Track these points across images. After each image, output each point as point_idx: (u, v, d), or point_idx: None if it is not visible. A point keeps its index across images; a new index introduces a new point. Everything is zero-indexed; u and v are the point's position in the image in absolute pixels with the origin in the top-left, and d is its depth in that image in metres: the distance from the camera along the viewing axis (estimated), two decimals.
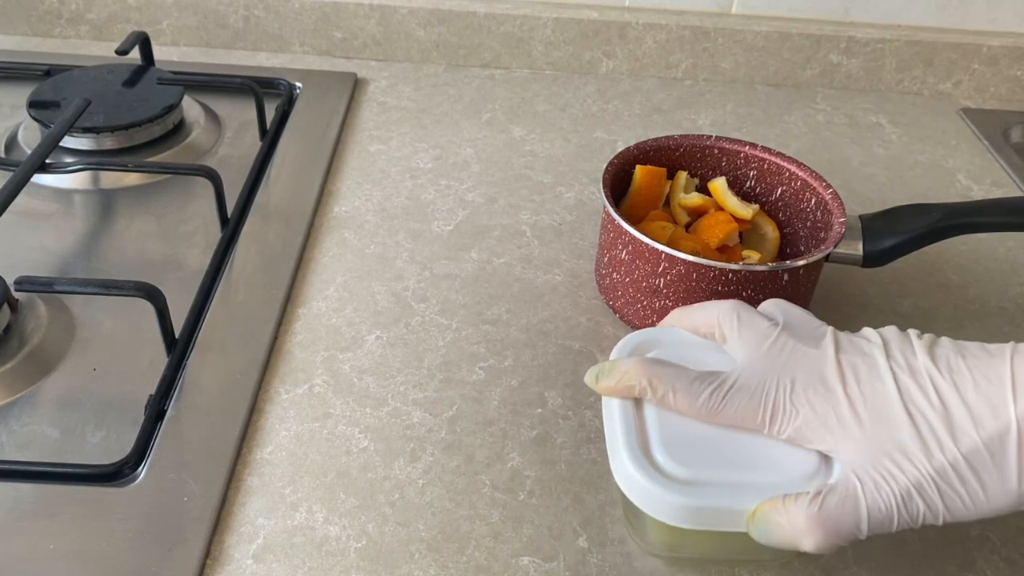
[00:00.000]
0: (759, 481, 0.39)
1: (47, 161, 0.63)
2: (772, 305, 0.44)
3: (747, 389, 0.39)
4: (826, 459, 0.40)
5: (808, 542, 0.37)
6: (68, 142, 0.71)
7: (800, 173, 0.60)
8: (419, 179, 0.73)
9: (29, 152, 0.64)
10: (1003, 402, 0.35)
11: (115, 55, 0.76)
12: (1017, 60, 0.90)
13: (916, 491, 0.35)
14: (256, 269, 0.61)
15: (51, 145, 0.64)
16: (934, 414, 0.36)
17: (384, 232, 0.67)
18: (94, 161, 0.67)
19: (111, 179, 0.69)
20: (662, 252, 0.53)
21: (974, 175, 0.79)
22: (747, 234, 0.62)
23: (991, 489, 0.35)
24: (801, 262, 0.52)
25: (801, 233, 0.61)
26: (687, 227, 0.61)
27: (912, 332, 0.40)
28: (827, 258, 0.55)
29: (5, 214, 0.57)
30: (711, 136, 0.63)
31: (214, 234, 0.64)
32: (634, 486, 0.40)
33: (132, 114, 0.72)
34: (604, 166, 0.58)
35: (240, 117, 0.79)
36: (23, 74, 0.81)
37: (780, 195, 0.62)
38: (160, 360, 0.53)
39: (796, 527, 0.37)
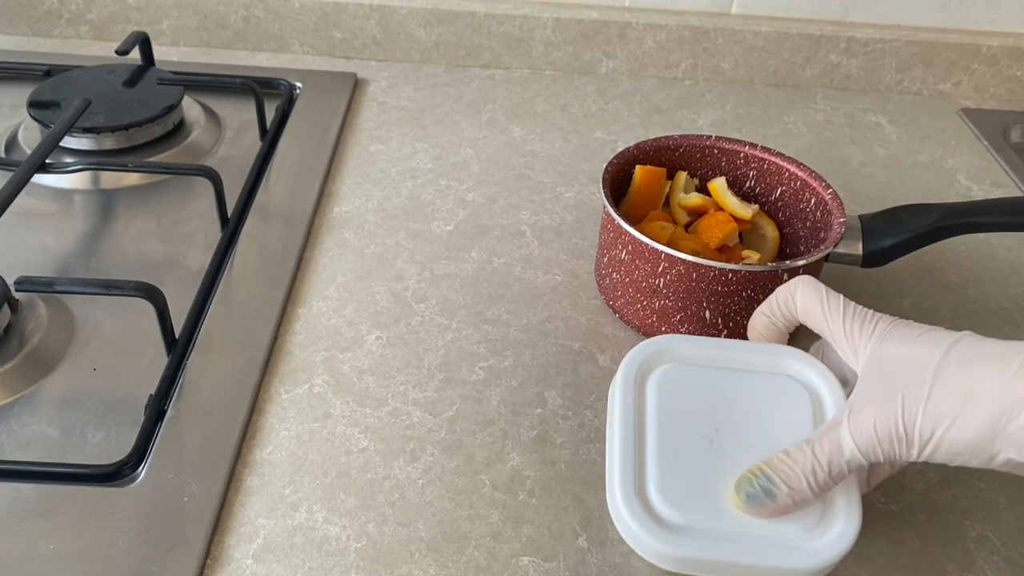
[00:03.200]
0: (754, 533, 0.39)
1: (47, 161, 0.63)
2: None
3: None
4: (825, 514, 0.39)
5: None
6: (68, 142, 0.71)
7: (800, 173, 0.60)
8: (419, 179, 0.73)
9: (29, 152, 0.64)
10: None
11: (115, 55, 0.76)
12: (1017, 60, 0.90)
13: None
14: (256, 269, 0.61)
15: (51, 145, 0.64)
16: None
17: (384, 232, 0.67)
18: (94, 161, 0.67)
19: (111, 179, 0.69)
20: (662, 252, 0.53)
21: (974, 175, 0.80)
22: (747, 234, 0.62)
23: None
24: (801, 262, 0.52)
25: (801, 233, 0.61)
26: (687, 227, 0.61)
27: None
28: (827, 258, 0.55)
29: (5, 214, 0.57)
30: (711, 136, 0.63)
31: (214, 234, 0.64)
32: (625, 527, 0.39)
33: (132, 114, 0.72)
34: (604, 166, 0.58)
35: (240, 117, 0.79)
36: (23, 74, 0.81)
37: (780, 195, 0.62)
38: (160, 360, 0.53)
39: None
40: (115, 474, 0.46)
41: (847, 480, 0.40)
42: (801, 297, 0.43)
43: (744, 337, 0.56)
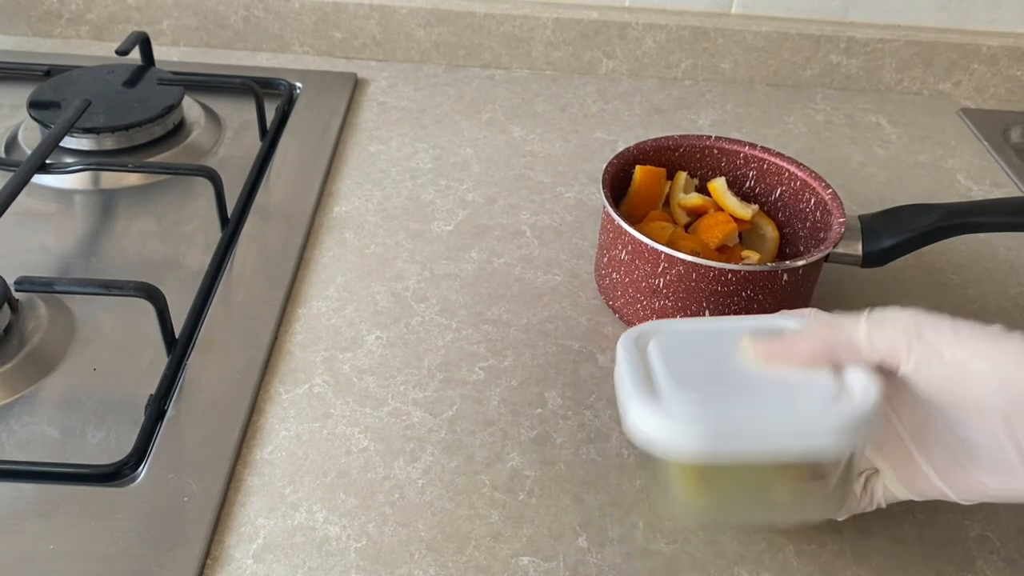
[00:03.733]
0: (775, 408, 0.37)
1: (47, 161, 0.63)
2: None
3: None
4: (841, 391, 0.38)
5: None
6: (68, 142, 0.71)
7: (800, 173, 0.60)
8: (419, 179, 0.73)
9: (29, 152, 0.64)
10: None
11: (115, 55, 0.76)
12: (1017, 60, 0.90)
13: None
14: (256, 269, 0.61)
15: (51, 145, 0.64)
16: None
17: (384, 232, 0.67)
18: (94, 161, 0.67)
19: (111, 179, 0.69)
20: (662, 252, 0.53)
21: (974, 175, 0.80)
22: (747, 234, 0.62)
23: None
24: (801, 262, 0.52)
25: (801, 233, 0.61)
26: (687, 227, 0.61)
27: None
28: (827, 258, 0.55)
29: (5, 214, 0.57)
30: (711, 136, 0.63)
31: (214, 234, 0.64)
32: (646, 430, 0.37)
33: (132, 114, 0.72)
34: (604, 166, 0.59)
35: (240, 117, 0.79)
36: (23, 74, 0.81)
37: (780, 195, 0.62)
38: (160, 360, 0.53)
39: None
40: (115, 474, 0.46)
41: (862, 368, 0.38)
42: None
43: None
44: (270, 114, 0.78)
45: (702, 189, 0.63)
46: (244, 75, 0.80)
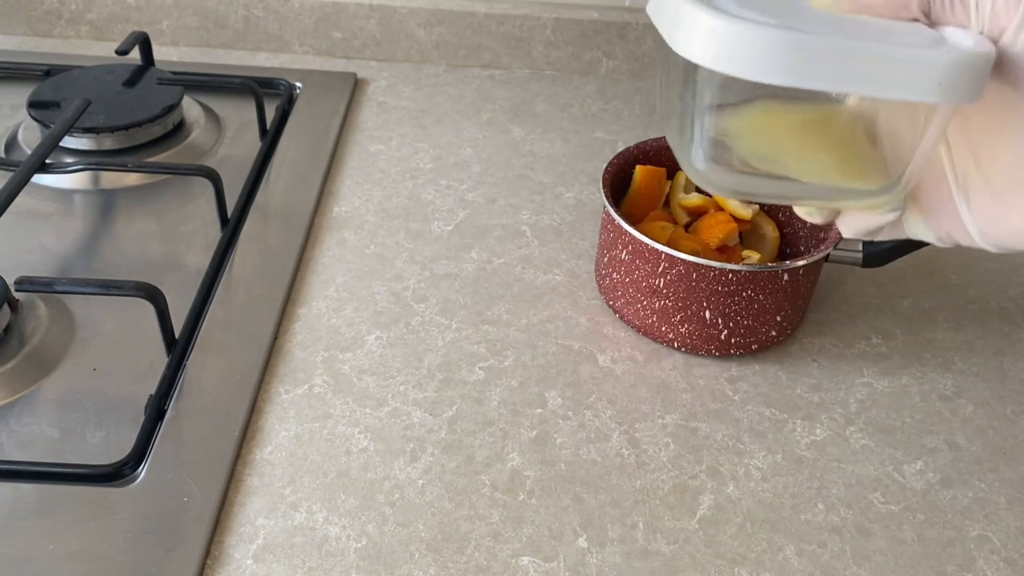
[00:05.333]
0: (866, 38, 0.30)
1: (47, 161, 0.63)
2: None
3: None
4: (943, 38, 0.31)
5: None
6: (68, 142, 0.71)
7: None
8: (419, 179, 0.73)
9: (29, 152, 0.64)
10: None
11: (115, 55, 0.76)
12: None
13: None
14: (256, 269, 0.61)
15: (51, 145, 0.64)
16: None
17: (384, 232, 0.67)
18: (94, 161, 0.67)
19: (111, 179, 0.69)
20: (662, 252, 0.53)
21: None
22: (747, 234, 0.62)
23: None
24: (801, 262, 0.52)
25: (801, 233, 0.61)
26: (687, 227, 0.61)
27: None
28: (827, 258, 0.55)
29: (5, 214, 0.57)
30: None
31: (214, 234, 0.64)
32: (718, 37, 0.29)
33: (132, 114, 0.72)
34: (604, 166, 0.59)
35: (240, 117, 0.79)
36: (23, 74, 0.81)
37: None
38: (160, 360, 0.53)
39: None
40: (115, 474, 0.46)
41: (961, 30, 0.32)
42: None
43: (748, 344, 0.56)
44: (270, 114, 0.78)
45: (702, 189, 0.63)
46: (244, 75, 0.80)
